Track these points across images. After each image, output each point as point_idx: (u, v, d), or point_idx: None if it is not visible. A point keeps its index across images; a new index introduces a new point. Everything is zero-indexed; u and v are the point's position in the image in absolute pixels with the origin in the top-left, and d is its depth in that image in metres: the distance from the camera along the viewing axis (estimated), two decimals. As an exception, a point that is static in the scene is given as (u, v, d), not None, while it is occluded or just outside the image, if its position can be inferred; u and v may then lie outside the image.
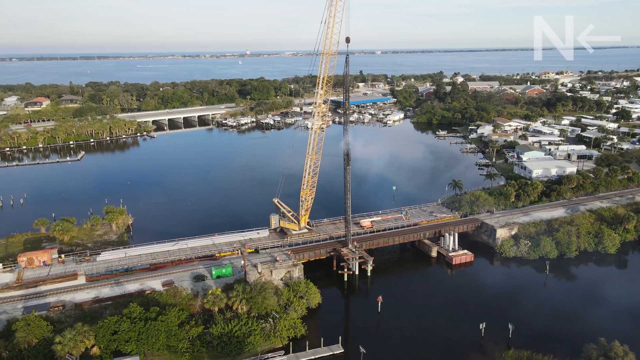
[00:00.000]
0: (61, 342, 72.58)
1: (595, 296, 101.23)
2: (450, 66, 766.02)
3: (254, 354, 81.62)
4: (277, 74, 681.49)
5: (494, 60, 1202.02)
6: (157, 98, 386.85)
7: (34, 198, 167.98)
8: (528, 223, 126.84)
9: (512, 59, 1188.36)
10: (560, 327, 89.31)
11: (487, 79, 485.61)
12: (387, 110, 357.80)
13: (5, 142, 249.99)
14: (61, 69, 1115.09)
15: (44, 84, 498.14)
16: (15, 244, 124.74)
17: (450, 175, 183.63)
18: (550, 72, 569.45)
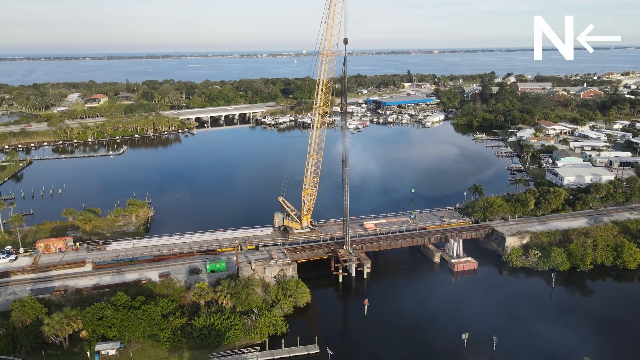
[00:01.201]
0: (49, 324, 78.27)
1: (602, 315, 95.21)
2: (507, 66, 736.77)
3: (232, 348, 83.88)
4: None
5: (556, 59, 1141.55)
6: (204, 96, 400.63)
7: (72, 189, 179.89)
8: (541, 232, 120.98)
9: (579, 58, 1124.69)
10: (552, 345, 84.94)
11: (542, 80, 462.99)
12: (428, 111, 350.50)
13: (59, 136, 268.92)
14: (127, 67, 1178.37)
15: (105, 82, 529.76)
16: (44, 230, 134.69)
17: (478, 179, 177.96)
18: (615, 72, 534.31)
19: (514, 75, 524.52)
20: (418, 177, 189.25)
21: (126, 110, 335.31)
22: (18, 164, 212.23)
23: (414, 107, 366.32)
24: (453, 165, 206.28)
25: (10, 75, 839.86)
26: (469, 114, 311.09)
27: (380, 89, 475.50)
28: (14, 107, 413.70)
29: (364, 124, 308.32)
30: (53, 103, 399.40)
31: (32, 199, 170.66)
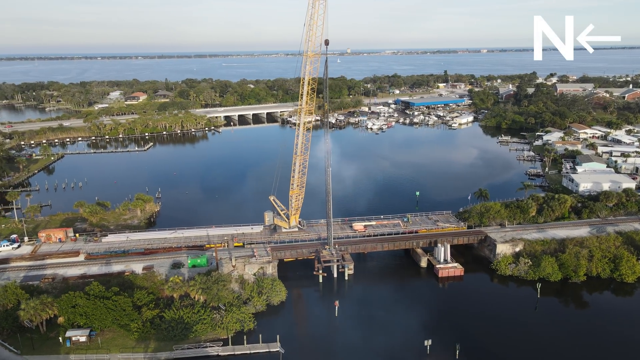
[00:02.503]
0: (25, 309, 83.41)
1: (590, 329, 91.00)
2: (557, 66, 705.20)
3: (197, 342, 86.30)
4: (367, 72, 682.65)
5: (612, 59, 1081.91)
6: (237, 95, 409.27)
7: (93, 182, 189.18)
8: (536, 240, 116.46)
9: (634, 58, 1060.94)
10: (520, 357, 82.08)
11: (586, 81, 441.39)
12: (457, 112, 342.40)
13: (93, 132, 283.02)
14: (175, 66, 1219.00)
15: (147, 80, 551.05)
16: (55, 221, 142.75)
17: (490, 184, 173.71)
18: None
19: (557, 75, 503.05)
20: (428, 179, 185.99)
21: (160, 108, 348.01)
22: (50, 158, 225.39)
23: (443, 108, 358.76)
24: (468, 169, 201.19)
25: (66, 74, 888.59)
26: (498, 115, 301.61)
27: (413, 89, 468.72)
28: (60, 103, 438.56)
29: (388, 124, 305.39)
30: (95, 100, 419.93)
31: (55, 191, 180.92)
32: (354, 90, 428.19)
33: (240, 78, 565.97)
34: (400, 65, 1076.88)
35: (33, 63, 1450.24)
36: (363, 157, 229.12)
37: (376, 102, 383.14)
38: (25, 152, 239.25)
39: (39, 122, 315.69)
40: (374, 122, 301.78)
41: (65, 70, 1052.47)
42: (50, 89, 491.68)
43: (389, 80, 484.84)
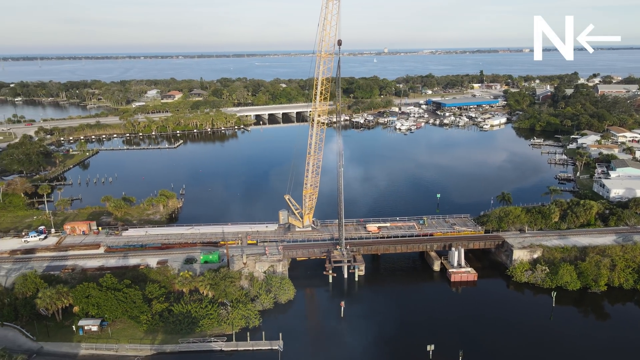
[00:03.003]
0: (41, 297, 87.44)
1: (608, 341, 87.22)
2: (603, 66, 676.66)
3: (203, 336, 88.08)
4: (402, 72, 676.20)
5: None
6: (268, 94, 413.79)
7: (122, 177, 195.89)
8: (555, 247, 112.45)
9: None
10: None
11: (631, 82, 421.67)
12: (490, 113, 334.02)
13: (128, 129, 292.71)
14: (213, 65, 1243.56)
15: (184, 79, 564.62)
16: (83, 214, 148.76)
17: (516, 188, 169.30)
18: None
19: (600, 76, 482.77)
20: (452, 181, 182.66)
21: (193, 107, 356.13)
22: (85, 154, 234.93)
23: (476, 109, 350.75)
24: (495, 172, 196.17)
25: (110, 73, 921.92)
26: (532, 117, 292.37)
27: (447, 89, 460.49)
28: (101, 101, 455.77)
29: (418, 125, 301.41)
30: (133, 98, 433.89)
31: (87, 186, 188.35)
32: (385, 90, 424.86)
33: (274, 77, 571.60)
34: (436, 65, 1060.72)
35: (80, 62, 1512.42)
36: (387, 158, 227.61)
37: (407, 103, 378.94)
38: (63, 148, 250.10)
39: (78, 119, 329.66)
40: (402, 123, 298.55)
41: (109, 69, 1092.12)
42: (92, 87, 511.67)
43: (421, 80, 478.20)
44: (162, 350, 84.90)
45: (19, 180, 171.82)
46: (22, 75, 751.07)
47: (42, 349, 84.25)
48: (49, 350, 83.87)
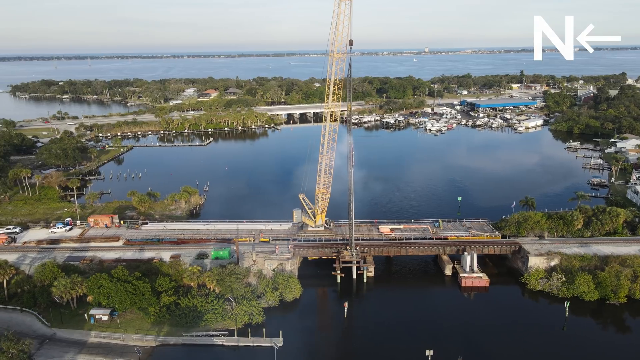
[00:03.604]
0: (56, 286, 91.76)
1: (628, 355, 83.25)
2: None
3: (207, 330, 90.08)
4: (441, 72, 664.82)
5: None
6: (302, 93, 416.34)
7: (151, 173, 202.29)
8: (574, 255, 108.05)
9: None
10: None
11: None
12: (526, 115, 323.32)
13: (162, 126, 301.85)
14: (252, 64, 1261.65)
15: (221, 78, 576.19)
16: (110, 208, 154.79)
17: (545, 192, 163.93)
18: None
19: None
20: (477, 184, 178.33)
21: (226, 105, 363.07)
22: (119, 149, 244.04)
23: (512, 111, 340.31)
24: (523, 175, 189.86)
25: (153, 71, 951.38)
26: (570, 119, 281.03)
27: (483, 89, 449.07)
28: (141, 99, 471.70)
29: (449, 126, 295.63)
30: (171, 97, 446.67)
31: (117, 180, 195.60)
32: (419, 90, 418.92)
33: (309, 76, 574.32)
34: (477, 64, 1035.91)
35: (127, 62, 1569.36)
36: (413, 159, 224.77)
37: (440, 103, 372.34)
38: (101, 144, 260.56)
39: (117, 116, 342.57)
40: (433, 124, 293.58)
41: (153, 68, 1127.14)
42: (134, 85, 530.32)
43: (457, 80, 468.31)
44: (166, 342, 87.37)
45: (54, 174, 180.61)
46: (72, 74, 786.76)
47: (55, 334, 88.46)
48: (61, 337, 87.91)
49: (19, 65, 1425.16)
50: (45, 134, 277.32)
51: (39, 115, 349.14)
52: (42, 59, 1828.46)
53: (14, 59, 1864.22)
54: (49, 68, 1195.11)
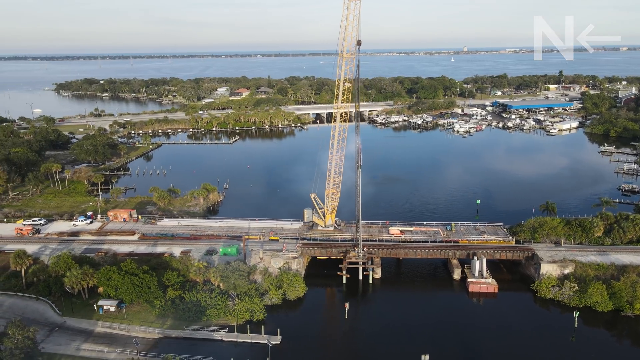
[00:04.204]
0: (68, 277, 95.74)
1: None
2: None
3: (208, 325, 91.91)
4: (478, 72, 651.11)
5: None
6: (331, 93, 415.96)
7: (176, 170, 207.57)
8: (590, 264, 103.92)
9: None
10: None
11: None
12: (560, 117, 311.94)
13: (192, 124, 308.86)
14: (287, 64, 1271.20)
15: (254, 77, 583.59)
16: (131, 203, 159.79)
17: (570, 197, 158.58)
18: None
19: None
20: (498, 188, 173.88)
21: (256, 104, 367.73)
22: (148, 146, 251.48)
23: (546, 112, 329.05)
24: (549, 179, 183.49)
25: (191, 70, 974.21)
26: (607, 122, 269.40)
27: (518, 90, 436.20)
28: (175, 97, 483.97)
29: (478, 127, 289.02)
30: (204, 95, 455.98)
31: (143, 176, 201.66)
32: (450, 90, 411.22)
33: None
34: (516, 64, 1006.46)
35: (167, 61, 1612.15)
36: (436, 160, 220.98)
37: (471, 104, 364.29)
38: (132, 141, 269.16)
39: (151, 114, 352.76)
40: (461, 125, 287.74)
41: (191, 67, 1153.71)
42: (169, 84, 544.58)
43: (491, 80, 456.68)
44: (168, 334, 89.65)
45: (83, 169, 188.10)
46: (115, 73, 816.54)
47: (64, 323, 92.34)
48: (70, 325, 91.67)
49: (67, 65, 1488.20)
50: (81, 131, 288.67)
51: (77, 113, 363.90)
52: (88, 59, 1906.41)
53: (62, 59, 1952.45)
54: (94, 67, 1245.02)
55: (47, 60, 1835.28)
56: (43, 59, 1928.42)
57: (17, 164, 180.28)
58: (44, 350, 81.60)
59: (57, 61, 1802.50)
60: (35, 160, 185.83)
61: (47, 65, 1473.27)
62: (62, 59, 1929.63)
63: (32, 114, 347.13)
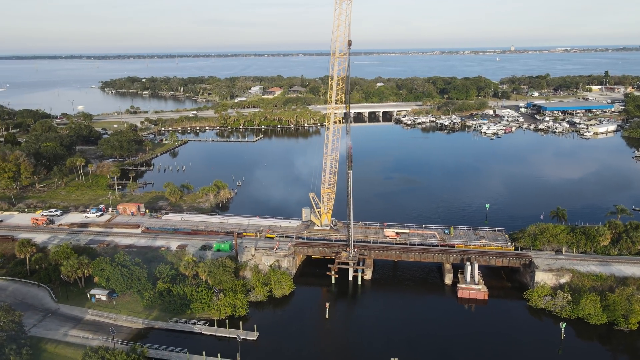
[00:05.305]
0: (64, 265, 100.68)
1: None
2: None
3: (191, 318, 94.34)
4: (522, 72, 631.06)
5: None
6: (362, 92, 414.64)
7: (196, 167, 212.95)
8: (588, 274, 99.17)
9: None
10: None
11: None
12: (597, 119, 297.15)
13: (220, 122, 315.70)
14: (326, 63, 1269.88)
15: (289, 76, 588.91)
16: (145, 197, 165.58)
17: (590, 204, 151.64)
18: None
19: None
20: (515, 192, 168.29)
21: (285, 103, 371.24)
22: (174, 143, 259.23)
23: (583, 114, 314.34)
24: (570, 185, 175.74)
25: (231, 69, 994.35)
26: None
27: (558, 91, 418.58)
28: (210, 96, 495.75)
29: (507, 129, 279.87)
30: (237, 94, 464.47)
31: (164, 172, 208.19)
32: (483, 91, 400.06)
33: (376, 76, 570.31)
34: (564, 64, 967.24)
35: (210, 60, 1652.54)
36: (456, 162, 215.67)
37: (504, 105, 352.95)
38: (160, 137, 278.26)
39: (183, 112, 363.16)
40: (489, 126, 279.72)
41: (232, 66, 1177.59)
42: (206, 83, 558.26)
43: (529, 81, 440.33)
44: (152, 325, 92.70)
45: (105, 164, 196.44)
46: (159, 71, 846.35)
47: (58, 309, 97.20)
48: (63, 312, 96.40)
49: (117, 63, 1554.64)
50: (116, 127, 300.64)
51: (115, 110, 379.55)
52: (138, 58, 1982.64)
53: (113, 57, 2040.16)
54: (141, 66, 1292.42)
55: (100, 59, 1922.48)
56: (97, 58, 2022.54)
57: (46, 158, 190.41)
58: (31, 334, 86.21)
59: (108, 60, 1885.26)
60: (63, 154, 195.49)
61: (98, 64, 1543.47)
62: (114, 58, 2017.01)
63: (73, 110, 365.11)
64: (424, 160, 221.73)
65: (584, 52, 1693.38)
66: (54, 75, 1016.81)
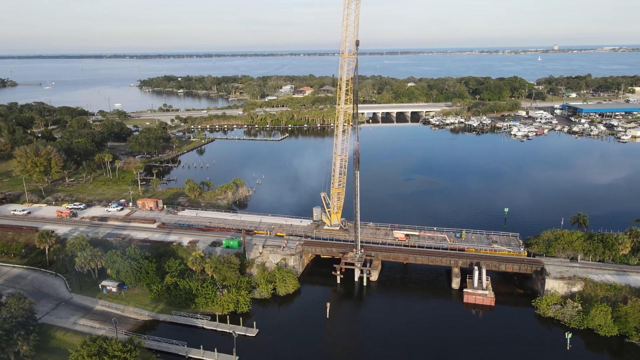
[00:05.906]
0: (79, 257, 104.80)
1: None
2: None
3: (195, 312, 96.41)
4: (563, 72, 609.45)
5: None
6: (392, 92, 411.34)
7: (219, 164, 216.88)
8: (602, 283, 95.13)
9: None
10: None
11: None
12: (635, 122, 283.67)
13: (247, 121, 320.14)
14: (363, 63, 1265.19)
15: (320, 76, 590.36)
16: (166, 193, 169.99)
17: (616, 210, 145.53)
18: None
19: None
20: (538, 197, 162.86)
21: (314, 102, 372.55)
22: (201, 141, 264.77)
23: (623, 117, 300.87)
24: (598, 190, 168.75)
25: (266, 68, 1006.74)
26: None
27: (597, 92, 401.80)
28: (242, 94, 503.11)
29: (538, 131, 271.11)
30: (268, 93, 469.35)
31: (188, 169, 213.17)
32: (517, 92, 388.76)
33: (408, 75, 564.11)
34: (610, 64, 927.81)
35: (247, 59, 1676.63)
36: (480, 165, 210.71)
37: (538, 106, 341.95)
38: (188, 135, 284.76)
39: (214, 110, 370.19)
40: (519, 128, 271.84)
41: (268, 65, 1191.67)
42: (238, 82, 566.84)
43: (567, 82, 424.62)
44: (157, 318, 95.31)
45: (132, 160, 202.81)
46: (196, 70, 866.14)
47: (71, 299, 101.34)
48: (75, 302, 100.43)
49: (157, 62, 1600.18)
50: (148, 124, 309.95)
51: (149, 108, 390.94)
52: (177, 57, 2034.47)
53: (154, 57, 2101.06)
54: (180, 65, 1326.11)
55: (142, 59, 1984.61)
56: (139, 57, 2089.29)
57: (77, 153, 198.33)
58: (42, 321, 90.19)
59: (149, 59, 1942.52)
60: (93, 150, 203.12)
61: (140, 63, 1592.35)
62: (155, 57, 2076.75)
63: (110, 107, 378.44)
64: (448, 162, 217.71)
65: (634, 51, 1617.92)
66: (97, 74, 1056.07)
